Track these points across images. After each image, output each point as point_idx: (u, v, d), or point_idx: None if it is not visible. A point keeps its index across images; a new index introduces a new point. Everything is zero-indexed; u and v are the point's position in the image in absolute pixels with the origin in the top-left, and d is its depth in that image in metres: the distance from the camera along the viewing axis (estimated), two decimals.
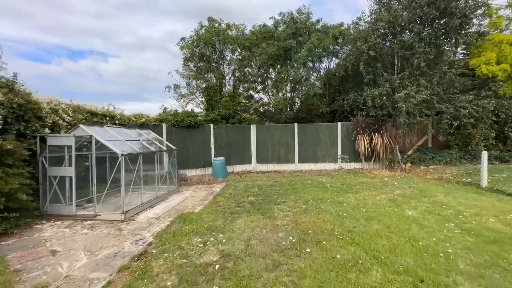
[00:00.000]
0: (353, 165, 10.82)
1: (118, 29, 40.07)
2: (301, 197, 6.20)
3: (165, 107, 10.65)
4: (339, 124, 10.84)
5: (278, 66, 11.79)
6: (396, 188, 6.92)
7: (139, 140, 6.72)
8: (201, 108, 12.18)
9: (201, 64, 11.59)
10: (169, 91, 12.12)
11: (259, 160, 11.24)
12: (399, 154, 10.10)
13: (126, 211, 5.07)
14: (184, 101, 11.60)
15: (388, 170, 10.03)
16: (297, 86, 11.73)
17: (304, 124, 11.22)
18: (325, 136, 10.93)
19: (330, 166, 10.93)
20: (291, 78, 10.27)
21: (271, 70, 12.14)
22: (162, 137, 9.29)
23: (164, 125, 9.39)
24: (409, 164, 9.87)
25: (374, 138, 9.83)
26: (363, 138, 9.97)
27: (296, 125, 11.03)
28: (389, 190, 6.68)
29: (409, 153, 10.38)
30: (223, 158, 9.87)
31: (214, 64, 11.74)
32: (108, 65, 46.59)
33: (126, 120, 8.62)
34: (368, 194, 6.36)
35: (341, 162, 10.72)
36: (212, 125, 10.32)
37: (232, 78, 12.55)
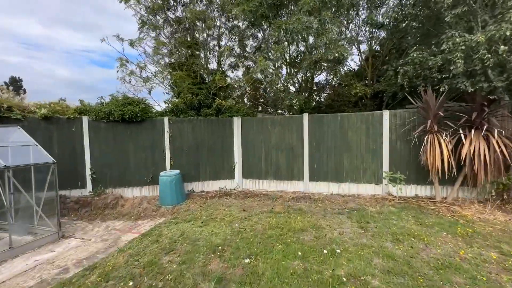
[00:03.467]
0: (414, 191, 5.78)
1: None
2: None
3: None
4: (386, 113, 5.90)
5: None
6: None
7: None
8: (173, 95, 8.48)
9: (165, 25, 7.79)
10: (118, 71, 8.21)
11: (246, 174, 7.06)
12: None
13: None
14: (146, 86, 8.08)
15: (497, 208, 4.78)
16: (306, 51, 7.01)
17: (319, 115, 6.57)
18: (359, 136, 6.12)
19: (366, 189, 6.10)
20: (292, 29, 5.63)
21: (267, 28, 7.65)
22: (82, 137, 5.89)
23: (85, 120, 5.97)
24: None
25: (467, 141, 4.70)
26: (440, 141, 4.91)
27: (306, 116, 6.47)
28: None
29: None
30: (177, 171, 6.01)
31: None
32: None
33: (19, 112, 5.46)
34: None
35: (389, 183, 5.80)
36: (166, 119, 6.53)
37: (215, 54, 8.50)
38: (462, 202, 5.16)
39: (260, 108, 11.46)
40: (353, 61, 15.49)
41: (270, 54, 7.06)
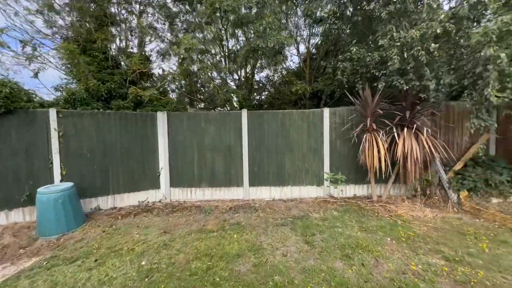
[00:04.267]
0: (353, 191, 5.69)
1: None
2: None
3: None
4: (326, 111, 5.62)
5: None
6: None
7: None
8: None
9: None
10: None
11: (175, 181, 5.77)
12: (443, 172, 5.10)
13: None
14: (32, 67, 5.79)
15: (425, 204, 5.00)
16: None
17: (259, 112, 5.88)
18: (301, 135, 5.69)
19: (308, 192, 5.71)
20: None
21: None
22: None
23: None
24: (465, 193, 4.91)
25: (401, 140, 4.73)
26: (378, 139, 4.83)
27: (244, 112, 5.66)
28: None
29: (456, 167, 5.43)
30: (69, 185, 4.28)
31: None
32: None
33: None
34: None
35: (331, 184, 5.55)
36: (52, 111, 4.65)
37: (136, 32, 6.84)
38: (394, 200, 5.26)
39: (202, 105, 10.16)
40: (292, 62, 15.90)
41: (202, 35, 5.95)
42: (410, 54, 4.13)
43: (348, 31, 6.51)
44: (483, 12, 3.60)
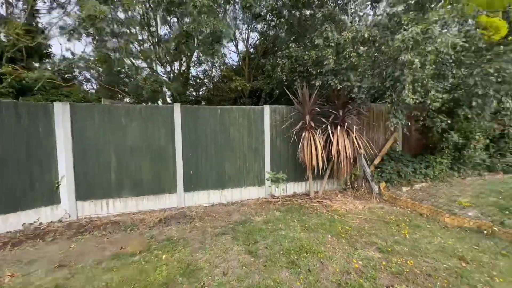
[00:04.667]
0: (292, 188, 5.72)
1: None
2: None
3: None
4: (267, 108, 5.45)
5: None
6: None
7: None
8: None
9: None
10: None
11: (85, 192, 4.49)
12: (367, 166, 5.66)
13: None
14: None
15: (354, 196, 5.42)
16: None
17: (195, 107, 5.24)
18: (241, 133, 5.33)
19: (250, 193, 5.43)
20: None
21: None
22: None
23: None
24: (384, 185, 5.57)
25: (335, 137, 4.95)
26: (315, 137, 4.93)
27: (177, 107, 4.89)
28: None
29: (376, 162, 6.15)
30: None
31: None
32: None
33: None
34: None
35: (272, 184, 5.41)
36: None
37: None
38: (329, 195, 5.53)
39: (128, 99, 8.51)
40: (232, 59, 15.70)
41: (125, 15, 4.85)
42: (342, 55, 4.31)
43: (285, 30, 6.55)
44: (399, 22, 4.03)
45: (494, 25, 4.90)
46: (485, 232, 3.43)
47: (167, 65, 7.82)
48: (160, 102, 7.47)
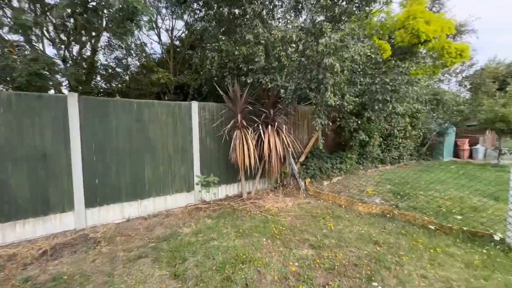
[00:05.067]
0: (225, 191, 5.39)
1: None
2: None
3: None
4: (195, 105, 4.90)
5: None
6: None
7: None
8: None
9: None
10: None
11: None
12: (294, 164, 5.95)
13: None
14: None
15: (284, 194, 5.58)
16: None
17: (102, 100, 4.20)
18: (165, 132, 4.60)
19: (177, 201, 4.77)
20: None
21: None
22: None
23: None
24: (309, 180, 5.98)
25: (266, 136, 4.92)
26: (247, 136, 4.76)
27: (74, 98, 3.72)
28: None
29: (301, 159, 6.59)
30: None
31: None
32: None
33: None
34: None
35: (203, 188, 4.90)
36: None
37: None
38: (261, 194, 5.50)
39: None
40: (153, 49, 14.10)
41: None
42: (272, 54, 4.30)
43: (214, 24, 6.16)
44: (321, 30, 4.33)
45: (382, 47, 6.00)
46: (388, 216, 4.07)
47: (63, 46, 6.04)
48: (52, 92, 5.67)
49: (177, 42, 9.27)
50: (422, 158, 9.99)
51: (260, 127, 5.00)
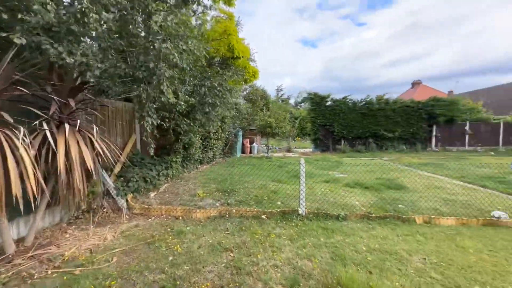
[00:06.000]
0: None
1: None
2: None
3: None
4: None
5: None
6: None
7: None
8: None
9: None
10: None
11: None
12: (108, 178, 4.38)
13: None
14: None
15: (97, 223, 3.85)
16: None
17: None
18: None
19: None
20: None
21: None
22: None
23: None
24: (131, 196, 4.67)
25: (61, 142, 3.00)
26: (15, 143, 2.58)
27: None
28: None
29: (116, 170, 5.01)
30: None
31: None
32: None
33: None
34: None
35: None
36: None
37: None
38: (52, 235, 3.39)
39: None
40: None
41: None
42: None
43: None
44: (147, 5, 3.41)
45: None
46: (226, 216, 4.19)
47: None
48: None
49: None
50: (227, 155, 12.02)
51: (46, 127, 2.99)
